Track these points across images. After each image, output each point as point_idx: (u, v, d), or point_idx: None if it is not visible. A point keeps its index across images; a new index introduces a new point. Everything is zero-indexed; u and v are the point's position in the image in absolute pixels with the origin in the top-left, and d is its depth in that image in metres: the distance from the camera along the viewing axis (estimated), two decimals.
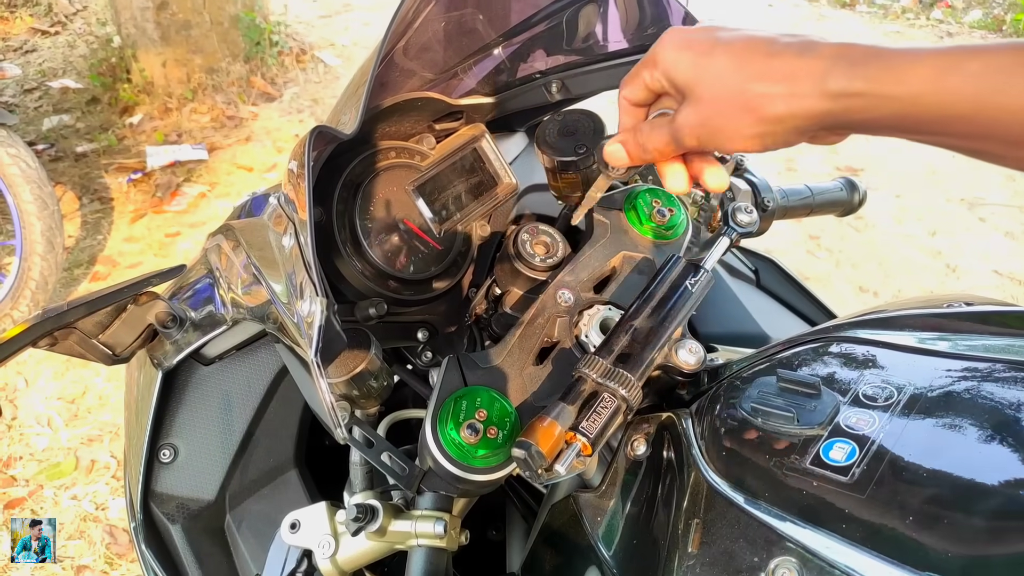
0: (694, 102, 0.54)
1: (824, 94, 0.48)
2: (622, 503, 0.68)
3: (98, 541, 2.09)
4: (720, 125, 0.53)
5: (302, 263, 0.61)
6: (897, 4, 5.90)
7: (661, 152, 0.59)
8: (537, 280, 0.87)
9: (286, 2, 5.09)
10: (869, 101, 0.47)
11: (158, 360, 0.88)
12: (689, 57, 0.53)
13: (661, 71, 0.56)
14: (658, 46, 0.56)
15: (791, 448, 0.57)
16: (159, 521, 0.90)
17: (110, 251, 3.24)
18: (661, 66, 0.56)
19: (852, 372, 0.62)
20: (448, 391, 0.72)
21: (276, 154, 3.91)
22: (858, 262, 3.14)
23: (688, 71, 0.53)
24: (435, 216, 0.90)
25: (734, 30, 0.53)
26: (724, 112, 0.52)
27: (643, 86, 0.59)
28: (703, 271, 0.72)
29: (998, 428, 0.51)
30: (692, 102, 0.54)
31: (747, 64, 0.50)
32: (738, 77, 0.50)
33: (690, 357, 0.71)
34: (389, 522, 0.72)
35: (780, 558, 0.50)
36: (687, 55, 0.53)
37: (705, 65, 0.52)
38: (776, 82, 0.49)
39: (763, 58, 0.50)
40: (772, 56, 0.50)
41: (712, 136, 0.54)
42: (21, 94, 4.41)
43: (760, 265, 1.27)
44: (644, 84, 0.58)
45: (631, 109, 0.62)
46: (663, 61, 0.55)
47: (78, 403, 2.53)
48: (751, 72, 0.50)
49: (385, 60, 0.78)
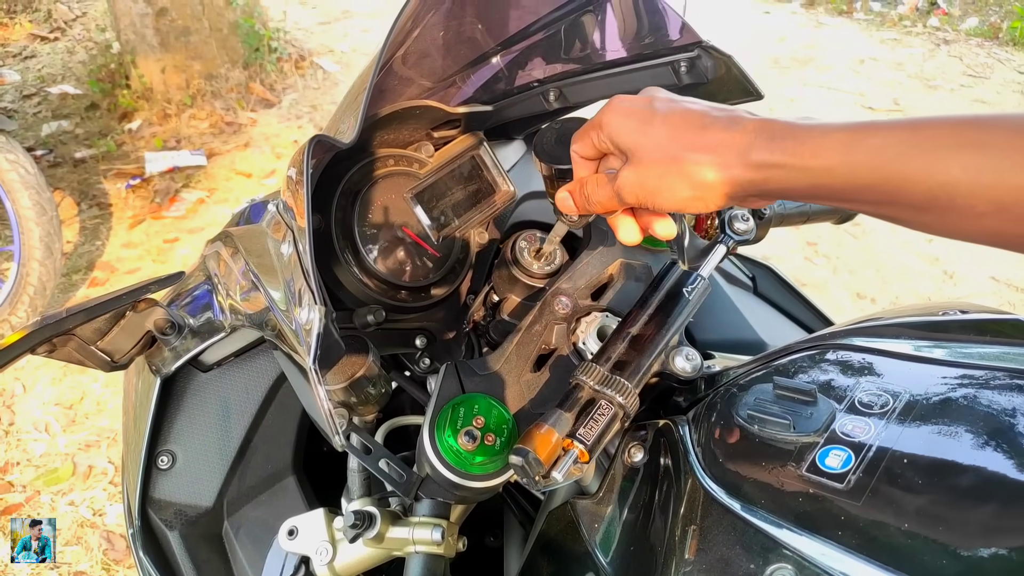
0: (635, 165, 0.59)
1: (747, 165, 0.53)
2: (619, 510, 0.69)
3: (95, 547, 2.08)
4: (657, 187, 0.58)
5: (301, 270, 0.62)
6: (894, 11, 5.92)
7: (604, 206, 0.64)
8: (535, 287, 0.87)
9: (285, 8, 5.10)
10: (787, 172, 0.52)
11: (156, 367, 0.88)
12: (631, 124, 0.58)
13: (607, 134, 0.60)
14: (605, 112, 0.61)
15: (787, 455, 0.57)
16: (157, 528, 0.90)
17: (108, 257, 3.24)
18: (606, 130, 0.60)
19: (848, 379, 0.63)
20: (446, 398, 0.72)
21: (275, 160, 3.91)
22: (856, 268, 3.14)
23: (630, 137, 0.58)
24: (433, 223, 0.90)
25: (672, 101, 0.58)
26: (661, 176, 0.57)
27: (591, 145, 0.63)
28: (700, 278, 0.73)
29: (993, 435, 0.51)
30: (633, 165, 0.59)
31: (682, 135, 0.55)
32: (674, 147, 0.56)
33: (687, 364, 0.71)
34: (387, 529, 0.72)
35: (776, 565, 0.50)
36: (630, 122, 0.58)
37: (646, 132, 0.57)
38: (706, 153, 0.54)
39: (696, 130, 0.55)
40: (703, 129, 0.55)
41: (650, 196, 0.59)
42: (20, 100, 4.41)
43: (757, 272, 1.28)
44: (592, 143, 0.63)
45: (581, 162, 0.66)
46: (608, 126, 0.60)
47: (76, 409, 2.52)
48: (685, 143, 0.55)
49: (384, 68, 0.79)
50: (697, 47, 0.84)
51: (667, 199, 0.58)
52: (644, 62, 0.88)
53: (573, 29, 0.93)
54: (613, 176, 0.61)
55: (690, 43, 0.84)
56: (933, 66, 5.04)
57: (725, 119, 0.55)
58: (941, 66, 5.04)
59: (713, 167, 0.54)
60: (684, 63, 0.85)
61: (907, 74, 4.95)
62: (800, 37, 5.59)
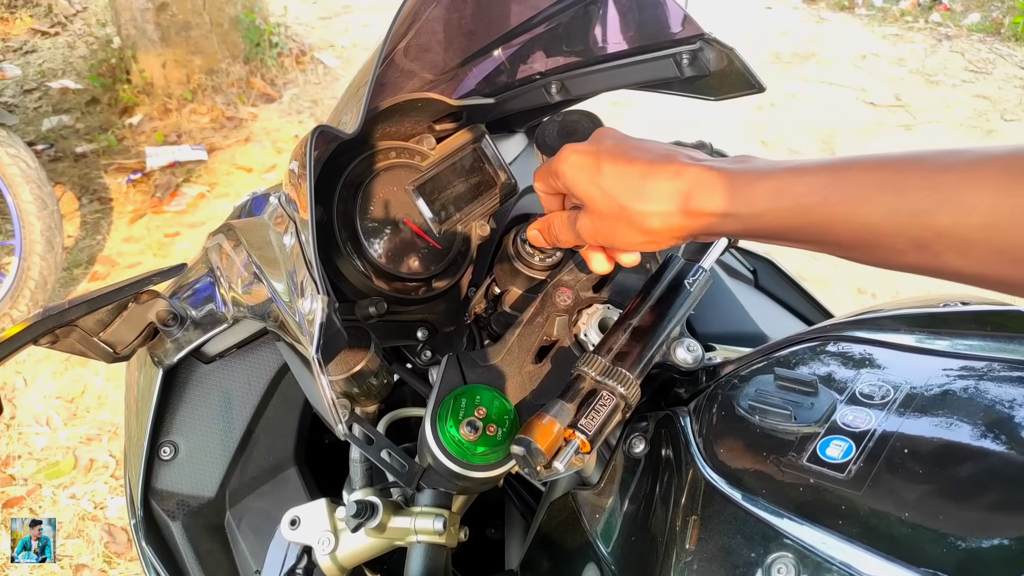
0: (589, 213, 0.63)
1: (687, 213, 0.57)
2: (620, 500, 0.69)
3: (97, 540, 2.09)
4: (612, 233, 0.62)
5: (303, 261, 0.62)
6: (896, 7, 5.91)
7: (571, 243, 0.69)
8: (536, 279, 0.87)
9: (286, 3, 5.10)
10: (723, 220, 0.56)
11: (159, 358, 0.88)
12: (583, 176, 0.61)
13: (562, 183, 0.64)
14: (558, 161, 0.64)
15: (788, 445, 0.57)
16: (159, 518, 0.91)
17: (109, 251, 3.24)
18: (562, 179, 0.64)
19: (849, 371, 0.63)
20: (448, 389, 0.72)
21: (275, 155, 3.91)
22: (857, 264, 3.14)
23: (582, 188, 0.62)
24: (435, 216, 0.90)
25: (617, 152, 0.61)
26: (613, 224, 0.61)
27: (551, 187, 0.67)
28: (701, 270, 0.73)
29: (993, 426, 0.51)
30: (588, 213, 0.63)
31: (627, 188, 0.59)
32: (621, 198, 0.59)
33: (688, 356, 0.71)
34: (389, 518, 0.72)
35: (777, 554, 0.51)
36: (581, 174, 0.62)
37: (595, 183, 0.60)
38: (651, 203, 0.58)
39: (640, 180, 0.58)
40: (645, 179, 0.58)
41: (607, 240, 0.63)
42: (21, 94, 4.41)
43: (758, 266, 1.28)
44: (552, 186, 0.67)
45: (547, 197, 0.71)
46: (562, 175, 0.63)
47: (77, 402, 2.53)
48: (630, 195, 0.58)
49: (386, 61, 0.79)
50: (699, 39, 0.84)
51: (622, 243, 0.62)
52: (646, 54, 0.88)
53: (575, 22, 0.93)
54: (574, 219, 0.65)
55: (692, 35, 0.84)
56: (935, 62, 5.03)
57: (667, 171, 0.57)
58: (943, 62, 5.03)
59: (657, 217, 0.58)
60: (686, 55, 0.85)
61: (908, 70, 4.94)
62: (802, 32, 5.58)
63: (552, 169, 0.65)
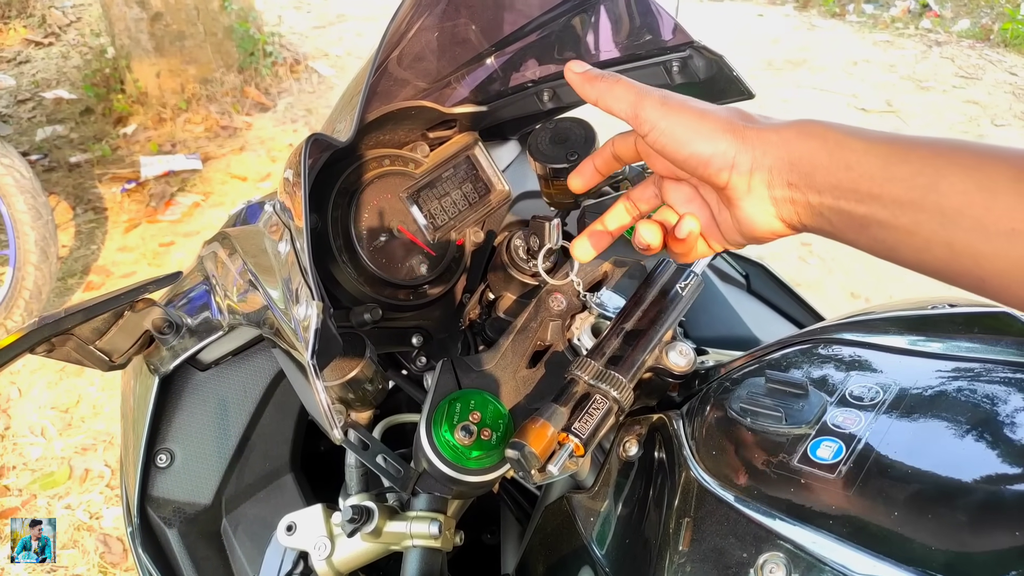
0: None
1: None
2: (615, 503, 0.69)
3: (92, 550, 2.08)
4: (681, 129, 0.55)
5: (298, 269, 0.62)
6: (887, 13, 5.96)
7: (619, 108, 0.57)
8: (530, 285, 0.88)
9: (280, 13, 5.11)
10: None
11: (155, 366, 0.88)
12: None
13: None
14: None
15: (779, 447, 0.58)
16: (156, 525, 0.91)
17: (104, 261, 3.23)
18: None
19: (839, 373, 0.64)
20: (442, 394, 0.72)
21: (270, 163, 3.91)
22: (850, 268, 3.16)
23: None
24: (429, 223, 0.91)
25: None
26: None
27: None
28: (693, 275, 0.74)
29: (981, 426, 0.52)
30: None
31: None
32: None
33: (681, 359, 0.72)
34: (384, 523, 0.72)
35: (768, 554, 0.51)
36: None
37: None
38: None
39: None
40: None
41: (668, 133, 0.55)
42: (14, 105, 4.41)
43: (751, 270, 1.29)
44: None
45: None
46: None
47: (71, 412, 2.52)
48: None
49: (380, 70, 0.79)
50: (689, 47, 0.85)
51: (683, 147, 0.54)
52: (637, 62, 0.89)
53: (567, 30, 0.93)
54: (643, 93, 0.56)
55: (682, 43, 0.85)
56: (925, 68, 5.07)
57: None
58: (933, 67, 5.07)
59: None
60: (676, 63, 0.86)
61: (899, 76, 4.98)
62: (793, 39, 5.62)
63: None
